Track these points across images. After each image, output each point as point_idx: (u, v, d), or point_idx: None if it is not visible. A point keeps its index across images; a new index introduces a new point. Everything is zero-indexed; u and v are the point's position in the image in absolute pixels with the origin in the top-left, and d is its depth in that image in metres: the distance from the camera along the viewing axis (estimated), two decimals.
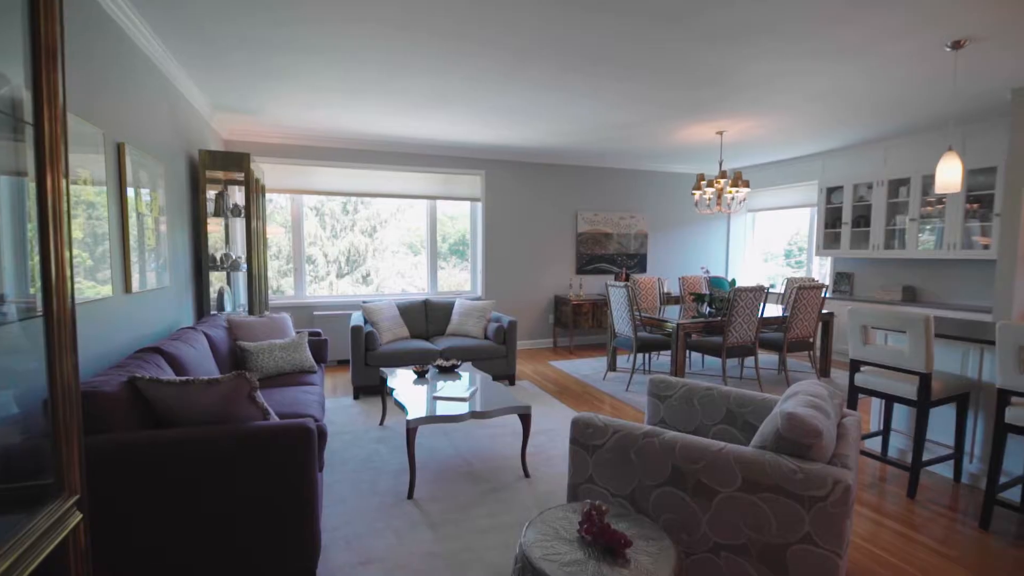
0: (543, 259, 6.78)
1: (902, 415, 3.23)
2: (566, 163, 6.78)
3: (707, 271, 5.85)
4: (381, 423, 3.78)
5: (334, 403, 4.30)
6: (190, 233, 3.76)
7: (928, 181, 5.21)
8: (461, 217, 6.54)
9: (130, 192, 2.60)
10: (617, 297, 4.87)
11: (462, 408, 2.84)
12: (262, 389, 3.12)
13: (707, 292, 5.11)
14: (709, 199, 5.52)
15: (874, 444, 3.34)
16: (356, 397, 4.43)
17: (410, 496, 2.68)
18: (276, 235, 5.72)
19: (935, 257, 5.16)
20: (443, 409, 2.82)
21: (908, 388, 2.75)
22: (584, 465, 1.98)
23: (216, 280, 4.20)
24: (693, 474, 1.73)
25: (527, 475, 2.93)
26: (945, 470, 3.01)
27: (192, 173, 3.86)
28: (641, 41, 3.00)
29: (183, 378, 1.92)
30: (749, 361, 5.84)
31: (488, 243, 6.46)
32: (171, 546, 1.80)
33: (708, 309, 4.87)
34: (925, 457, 3.02)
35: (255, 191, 4.17)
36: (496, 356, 4.80)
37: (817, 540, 1.52)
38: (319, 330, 4.23)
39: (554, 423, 3.82)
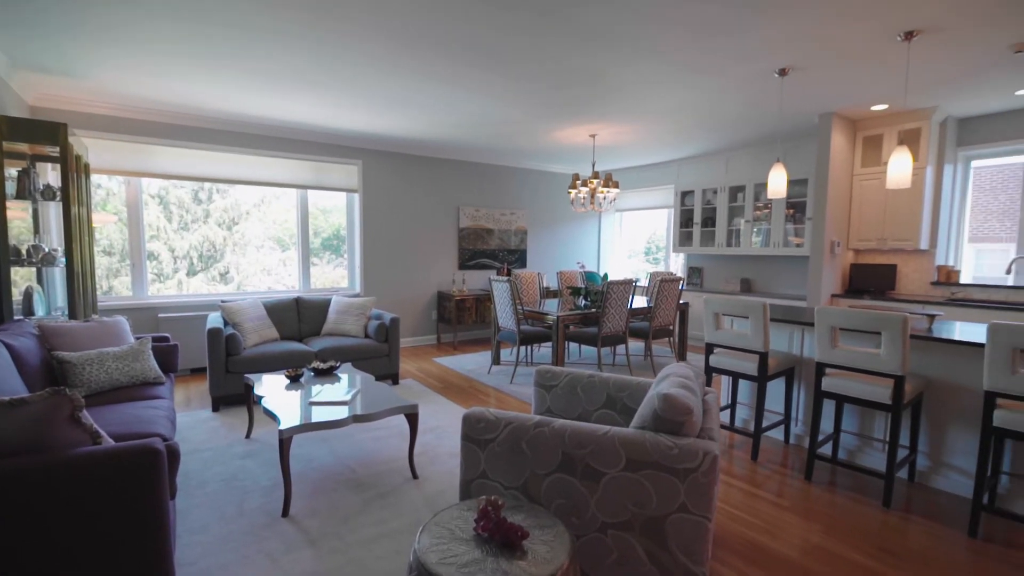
0: (425, 254, 6.64)
1: (745, 389, 3.73)
2: (448, 157, 6.70)
3: (583, 266, 6.20)
4: (247, 436, 3.39)
5: (189, 417, 3.76)
6: None
7: (759, 188, 6.09)
8: (335, 211, 6.13)
9: None
10: (500, 292, 4.94)
11: (342, 412, 2.65)
12: (92, 407, 2.61)
13: (583, 286, 5.42)
14: (584, 198, 5.85)
15: (724, 416, 3.80)
16: (216, 409, 3.92)
17: (285, 514, 2.43)
18: (107, 226, 4.83)
19: (763, 254, 6.05)
20: (321, 415, 2.61)
21: (750, 366, 3.17)
22: (476, 461, 1.96)
23: (22, 278, 3.42)
24: (582, 459, 1.79)
25: (415, 476, 2.83)
26: (778, 434, 3.54)
27: None
28: (522, 35, 3.05)
29: None
30: (620, 349, 6.32)
31: (367, 237, 6.15)
32: None
33: (584, 302, 5.16)
34: (764, 424, 3.52)
35: (75, 171, 3.47)
36: (378, 355, 4.59)
37: (690, 508, 1.67)
38: (166, 335, 3.66)
39: (441, 420, 3.76)
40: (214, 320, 4.17)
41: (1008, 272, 4.31)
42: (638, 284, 7.41)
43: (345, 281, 6.24)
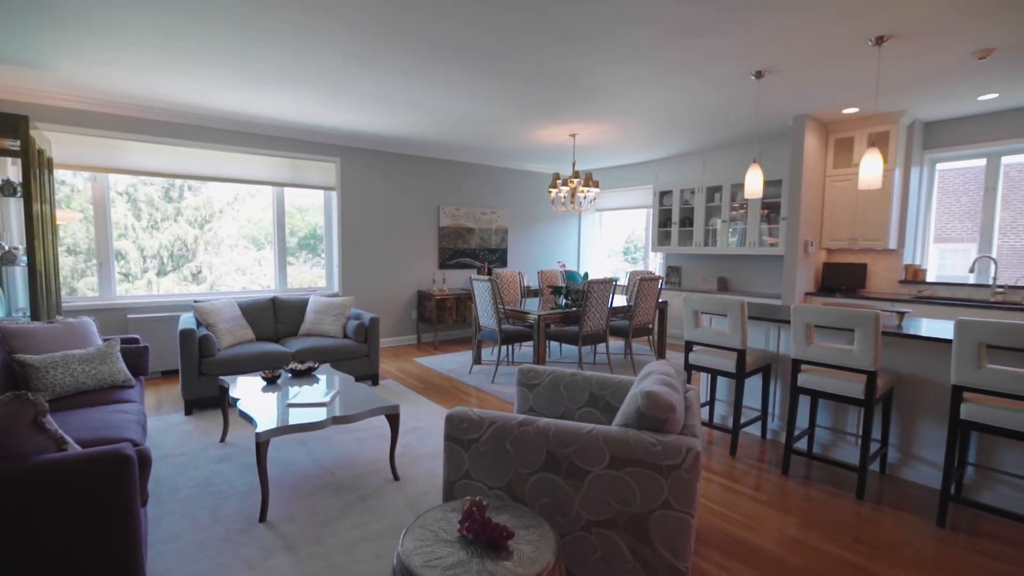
0: (405, 253, 6.58)
1: (723, 386, 3.79)
2: (429, 156, 6.65)
3: (563, 265, 6.22)
4: (222, 440, 3.30)
5: (160, 422, 3.65)
6: None
7: (735, 189, 6.19)
8: (312, 210, 6.02)
9: None
10: (481, 291, 4.92)
11: (321, 414, 2.60)
12: (56, 412, 2.51)
13: (563, 285, 5.43)
14: (564, 198, 5.87)
15: (703, 413, 3.86)
16: (189, 412, 3.81)
17: (262, 519, 2.37)
18: (71, 224, 4.65)
19: (739, 253, 6.15)
20: (299, 417, 2.55)
21: (729, 363, 3.22)
22: (460, 461, 1.94)
23: None
24: (566, 457, 1.79)
25: (397, 478, 2.80)
26: (755, 430, 3.60)
27: None
28: (505, 34, 3.04)
29: None
30: (601, 347, 6.36)
31: (345, 236, 6.06)
32: None
33: (565, 301, 5.18)
34: (742, 420, 3.58)
35: (38, 166, 3.33)
36: (357, 355, 4.52)
37: (674, 504, 1.68)
38: (136, 336, 3.54)
39: (422, 421, 3.72)
40: (186, 321, 4.05)
41: (971, 271, 4.48)
42: (618, 283, 7.47)
43: (323, 281, 6.13)
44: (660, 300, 5.71)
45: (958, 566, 2.12)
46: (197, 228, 5.35)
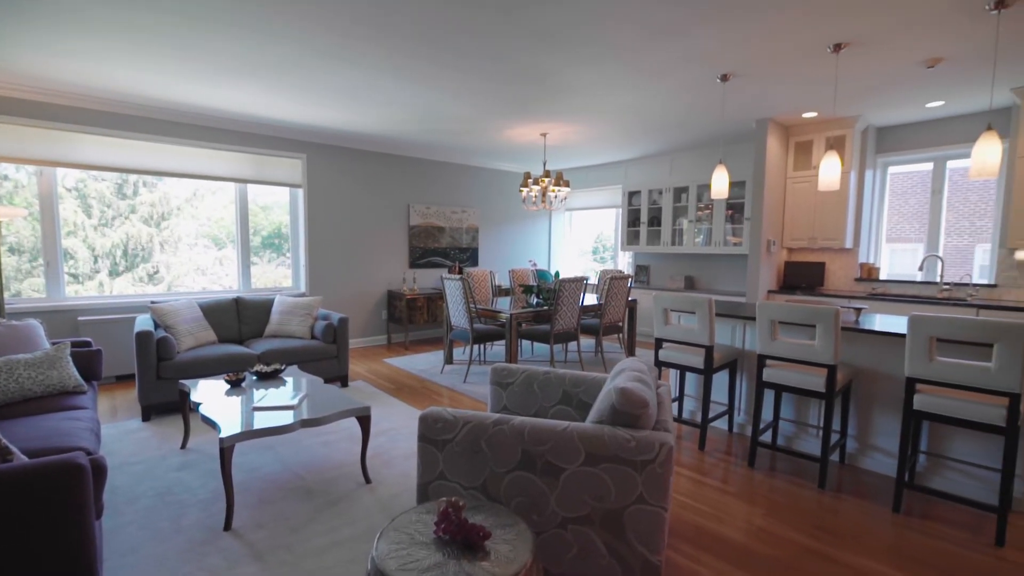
0: (374, 252, 6.46)
1: (692, 381, 3.87)
2: (398, 153, 6.55)
3: (534, 264, 6.24)
4: (183, 446, 3.17)
5: (115, 429, 3.47)
6: None
7: (702, 189, 6.35)
8: (276, 208, 5.84)
9: None
10: (453, 290, 4.89)
11: (288, 417, 2.53)
12: (1, 420, 2.35)
13: (535, 284, 5.45)
14: (535, 197, 5.89)
15: (673, 409, 3.93)
16: (146, 418, 3.64)
17: (227, 527, 2.29)
18: (14, 221, 4.36)
19: (704, 252, 6.31)
20: (265, 421, 2.47)
21: (697, 359, 3.29)
22: (434, 462, 1.92)
23: None
24: (541, 455, 1.79)
25: (368, 481, 2.74)
26: (722, 424, 3.70)
27: None
28: (477, 32, 3.02)
29: None
30: (572, 346, 6.41)
31: (312, 234, 5.91)
32: None
33: (536, 300, 5.19)
34: (710, 415, 3.67)
35: None
36: (326, 357, 4.42)
37: (648, 499, 1.71)
38: (88, 339, 3.36)
39: (394, 422, 3.67)
40: (143, 322, 3.87)
41: (920, 269, 4.72)
42: (588, 282, 7.54)
43: (288, 280, 5.97)
44: (630, 299, 5.79)
45: (913, 549, 2.22)
46: (153, 226, 5.12)
